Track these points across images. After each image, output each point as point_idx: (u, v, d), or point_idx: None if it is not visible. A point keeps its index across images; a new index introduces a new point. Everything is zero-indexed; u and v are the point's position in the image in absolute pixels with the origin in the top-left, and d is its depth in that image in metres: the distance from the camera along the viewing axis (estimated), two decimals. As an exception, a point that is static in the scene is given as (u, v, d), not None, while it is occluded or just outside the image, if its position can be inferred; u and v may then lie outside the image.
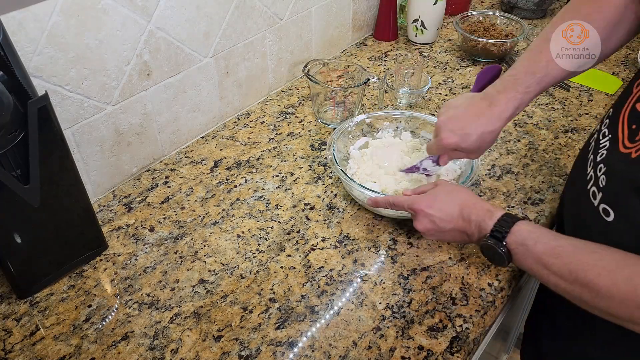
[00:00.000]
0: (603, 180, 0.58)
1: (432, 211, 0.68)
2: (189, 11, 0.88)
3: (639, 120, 0.56)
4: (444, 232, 0.69)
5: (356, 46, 1.34)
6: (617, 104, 0.63)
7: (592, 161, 0.63)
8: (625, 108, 0.59)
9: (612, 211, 0.57)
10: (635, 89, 0.58)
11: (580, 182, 0.64)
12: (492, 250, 0.64)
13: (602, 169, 0.59)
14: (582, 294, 0.55)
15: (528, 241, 0.61)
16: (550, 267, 0.58)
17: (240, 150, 0.99)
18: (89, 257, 0.77)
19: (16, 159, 0.62)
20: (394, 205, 0.73)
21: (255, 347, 0.65)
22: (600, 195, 0.59)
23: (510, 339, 1.34)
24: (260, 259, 0.77)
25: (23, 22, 0.66)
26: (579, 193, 0.64)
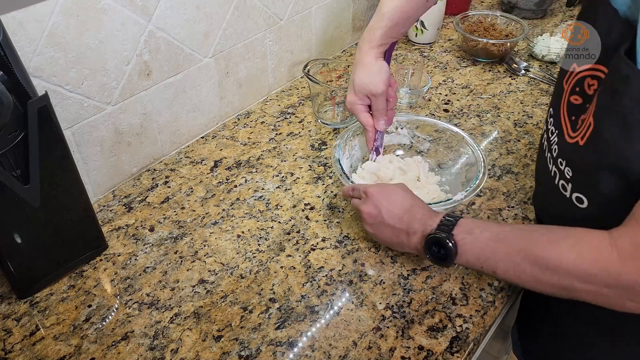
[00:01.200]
0: (569, 172, 0.60)
1: (383, 200, 0.70)
2: (189, 11, 0.88)
3: (576, 112, 0.60)
4: (383, 225, 0.70)
5: (356, 46, 1.34)
6: (554, 103, 0.66)
7: (550, 158, 0.65)
8: (562, 103, 0.63)
9: (584, 198, 0.59)
10: (565, 84, 0.63)
11: (548, 180, 0.66)
12: (439, 244, 0.64)
13: (562, 163, 0.62)
14: (533, 272, 0.57)
15: (475, 230, 0.62)
16: (497, 251, 0.60)
17: (240, 150, 0.99)
18: (89, 257, 0.77)
19: (16, 159, 0.62)
20: (353, 190, 0.75)
21: (255, 347, 0.65)
22: (571, 186, 0.61)
23: (510, 339, 1.34)
24: (260, 259, 0.77)
25: (23, 22, 0.66)
26: (550, 190, 0.66)
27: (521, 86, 1.16)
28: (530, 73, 1.20)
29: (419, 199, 0.72)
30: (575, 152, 0.59)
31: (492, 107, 1.10)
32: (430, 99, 1.13)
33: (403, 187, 0.73)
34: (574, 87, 0.61)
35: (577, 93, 0.60)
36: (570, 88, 0.62)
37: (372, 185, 0.73)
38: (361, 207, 0.72)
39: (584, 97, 0.59)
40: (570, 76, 0.62)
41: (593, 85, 0.57)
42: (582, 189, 0.59)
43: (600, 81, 0.56)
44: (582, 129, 0.57)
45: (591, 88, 0.58)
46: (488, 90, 1.15)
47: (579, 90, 0.60)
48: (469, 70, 1.23)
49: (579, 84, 0.60)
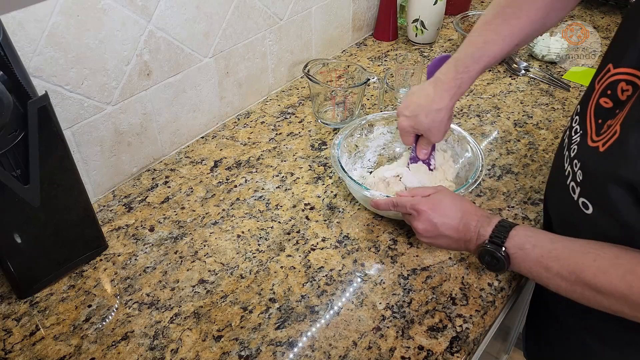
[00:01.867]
0: (580, 175, 0.60)
1: (435, 214, 0.69)
2: (189, 11, 0.88)
3: (604, 115, 0.58)
4: (441, 237, 0.69)
5: (356, 46, 1.34)
6: (583, 101, 0.65)
7: (567, 157, 0.65)
8: (590, 104, 0.62)
9: (590, 204, 0.59)
10: (597, 84, 0.61)
11: (560, 178, 0.66)
12: (491, 255, 0.64)
13: (577, 164, 0.61)
14: (584, 293, 0.57)
15: (526, 245, 0.62)
16: (550, 269, 0.59)
17: (240, 150, 0.99)
18: (89, 257, 0.77)
19: (16, 159, 0.62)
20: (396, 206, 0.73)
21: (255, 347, 0.65)
22: (579, 190, 0.60)
23: (510, 339, 1.34)
24: (260, 259, 0.77)
25: (23, 22, 0.66)
26: (560, 189, 0.66)
27: (521, 86, 1.16)
28: (530, 73, 1.20)
29: (468, 202, 0.71)
30: (593, 158, 0.57)
31: (492, 107, 1.10)
32: (430, 99, 1.12)
33: (448, 193, 0.72)
34: (606, 89, 0.59)
35: (608, 96, 0.58)
36: (602, 89, 0.60)
37: (420, 201, 0.71)
38: (415, 224, 0.71)
39: (615, 102, 0.57)
40: (604, 77, 0.60)
41: (627, 91, 0.55)
42: (589, 196, 0.59)
43: (635, 88, 0.54)
44: (605, 135, 0.55)
45: (624, 94, 0.56)
46: (488, 90, 1.15)
47: (610, 94, 0.58)
48: (469, 70, 1.23)
49: (612, 86, 0.58)
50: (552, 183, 0.74)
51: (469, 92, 1.14)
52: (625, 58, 0.57)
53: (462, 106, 1.10)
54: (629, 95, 0.55)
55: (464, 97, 1.12)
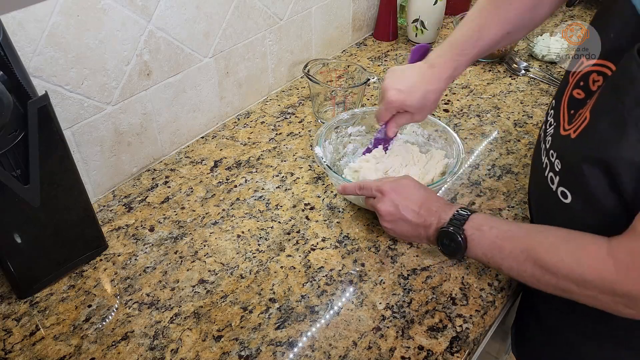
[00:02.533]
0: (558, 164, 0.61)
1: (399, 196, 0.71)
2: (189, 11, 0.88)
3: (576, 106, 0.60)
4: (402, 221, 0.70)
5: (356, 46, 1.34)
6: (557, 95, 0.67)
7: (544, 149, 0.66)
8: (564, 96, 0.63)
9: (569, 193, 0.59)
10: (571, 78, 0.63)
11: (539, 170, 0.67)
12: (449, 237, 0.66)
13: (553, 155, 0.62)
14: (534, 272, 0.59)
15: (484, 227, 0.64)
16: (503, 249, 0.61)
17: (240, 150, 0.99)
18: (89, 257, 0.77)
19: (16, 159, 0.62)
20: (362, 189, 0.75)
21: (255, 347, 0.65)
22: (558, 179, 0.61)
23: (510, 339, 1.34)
24: (260, 259, 0.77)
25: (23, 22, 0.66)
26: (539, 181, 0.67)
27: (521, 86, 1.16)
28: (530, 73, 1.20)
29: (430, 190, 0.73)
30: (566, 145, 0.59)
31: (492, 107, 1.10)
32: (430, 99, 1.12)
33: (412, 180, 0.74)
34: (579, 81, 0.61)
35: (581, 87, 0.60)
36: (575, 82, 0.61)
37: (385, 183, 0.73)
38: (378, 205, 0.72)
39: (586, 92, 0.59)
40: (577, 69, 0.62)
41: (598, 82, 0.57)
42: (567, 184, 0.60)
43: (605, 78, 0.56)
44: (576, 123, 0.57)
45: (595, 84, 0.57)
46: (488, 90, 1.15)
47: (582, 85, 0.60)
48: (469, 70, 1.23)
49: (584, 78, 0.60)
50: (532, 177, 0.75)
51: (469, 92, 1.14)
52: None
53: (462, 106, 1.10)
54: (599, 85, 0.57)
55: (464, 97, 1.12)
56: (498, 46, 0.78)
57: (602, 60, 0.57)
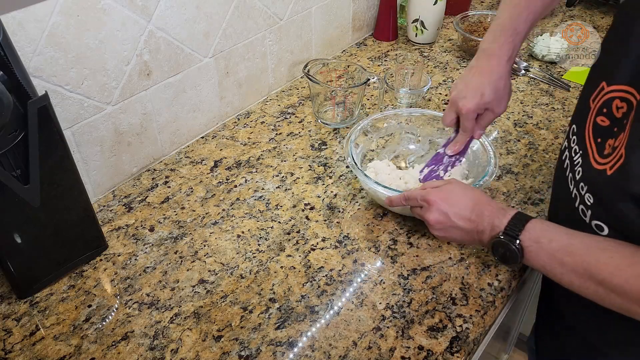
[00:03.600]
0: (590, 198, 0.59)
1: (446, 204, 0.68)
2: (189, 11, 0.88)
3: (602, 134, 0.58)
4: (453, 228, 0.69)
5: (356, 46, 1.34)
6: (578, 121, 0.64)
7: (572, 179, 0.64)
8: (588, 123, 0.61)
9: (605, 226, 0.58)
10: (592, 103, 0.61)
11: (567, 200, 0.65)
12: (505, 247, 0.63)
13: (584, 188, 0.60)
14: (597, 291, 0.56)
15: (542, 239, 0.61)
16: (564, 265, 0.59)
17: (240, 150, 0.99)
18: (89, 257, 0.77)
19: (16, 159, 0.62)
20: (408, 199, 0.73)
21: (255, 347, 0.65)
22: (590, 213, 0.60)
23: (510, 339, 1.34)
24: (260, 259, 0.77)
25: (23, 22, 0.66)
26: (567, 212, 0.65)
27: (521, 86, 1.16)
28: (530, 73, 1.20)
29: (480, 192, 0.70)
30: (601, 181, 0.57)
31: (492, 107, 1.09)
32: (430, 99, 1.12)
33: (458, 183, 0.72)
34: (601, 108, 0.58)
35: (604, 114, 0.58)
36: (597, 108, 0.59)
37: (430, 192, 0.71)
38: (426, 216, 0.70)
39: (611, 120, 0.57)
40: (598, 95, 0.59)
41: (622, 109, 0.55)
42: (603, 218, 0.58)
43: (630, 105, 0.54)
44: (612, 159, 0.55)
45: (619, 111, 0.55)
46: (488, 90, 1.15)
47: (606, 112, 0.58)
48: (469, 70, 1.23)
49: (607, 105, 0.57)
50: (556, 206, 0.73)
51: (469, 92, 1.14)
52: (617, 75, 0.56)
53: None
54: (624, 112, 0.55)
55: (464, 97, 1.12)
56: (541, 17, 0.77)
57: (625, 85, 0.55)
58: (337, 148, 0.99)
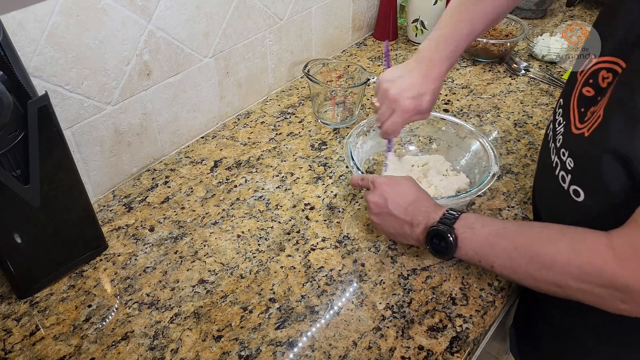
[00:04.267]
0: (570, 163, 0.60)
1: (390, 190, 0.71)
2: (189, 11, 0.88)
3: (586, 103, 0.60)
4: (388, 215, 0.71)
5: (356, 46, 1.34)
6: (565, 94, 0.66)
7: (553, 148, 0.66)
8: (574, 94, 0.63)
9: (581, 190, 0.59)
10: (579, 75, 0.63)
11: (547, 170, 0.67)
12: (439, 236, 0.65)
13: (565, 153, 0.62)
14: (528, 269, 0.58)
15: (475, 224, 0.64)
16: (495, 246, 0.61)
17: (240, 150, 0.99)
18: (89, 257, 0.77)
19: (16, 159, 0.62)
20: (362, 179, 0.76)
21: (255, 347, 0.65)
22: (570, 177, 0.61)
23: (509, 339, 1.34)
24: (260, 259, 0.77)
25: (23, 22, 0.66)
26: (548, 181, 0.66)
27: (521, 86, 1.16)
28: (530, 73, 1.20)
29: (425, 192, 0.72)
30: (579, 143, 0.59)
31: (492, 107, 1.10)
32: (430, 99, 1.12)
33: (410, 179, 0.74)
34: (588, 79, 0.60)
35: (590, 85, 0.60)
36: (584, 79, 0.61)
37: (380, 176, 0.74)
38: (368, 196, 0.73)
39: (596, 90, 0.59)
40: (586, 67, 0.61)
41: (607, 79, 0.57)
42: (580, 182, 0.59)
43: (615, 75, 0.55)
44: (590, 121, 0.57)
45: (605, 81, 0.57)
46: (488, 90, 1.15)
47: (592, 82, 0.60)
48: (469, 70, 1.23)
49: (593, 76, 0.59)
50: (539, 176, 0.75)
51: (469, 92, 1.14)
52: (605, 47, 0.58)
53: (462, 106, 1.10)
54: (609, 82, 0.56)
55: (463, 97, 1.12)
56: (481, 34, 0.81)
57: (611, 57, 0.57)
58: (337, 148, 0.99)
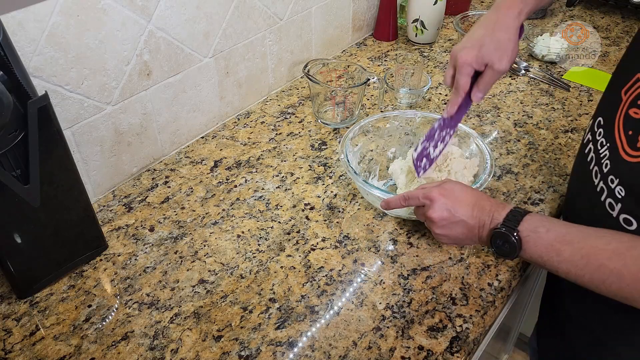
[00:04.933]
0: (621, 191, 0.59)
1: (450, 200, 0.68)
2: (189, 11, 0.88)
3: (634, 126, 0.57)
4: (456, 225, 0.68)
5: (356, 46, 1.34)
6: (606, 113, 0.64)
7: (598, 172, 0.63)
8: (618, 115, 0.60)
9: (634, 220, 0.58)
10: (624, 95, 0.60)
11: (590, 195, 0.65)
12: (504, 238, 0.63)
13: (614, 181, 0.60)
14: (593, 278, 0.57)
15: (540, 228, 0.62)
16: (561, 253, 0.59)
17: (240, 150, 0.99)
18: (89, 257, 0.77)
19: (16, 159, 0.62)
20: (408, 199, 0.72)
21: (255, 347, 0.65)
22: (619, 206, 0.59)
23: (510, 339, 1.34)
24: (260, 259, 0.77)
25: (23, 22, 0.66)
26: (592, 207, 0.64)
27: (521, 86, 1.16)
28: (530, 73, 1.20)
29: (477, 190, 0.71)
30: (632, 173, 0.57)
31: (492, 107, 1.10)
32: (430, 99, 1.12)
33: (456, 182, 0.72)
34: (635, 100, 0.57)
35: (638, 107, 0.57)
36: (632, 100, 0.58)
37: (431, 189, 0.70)
38: (429, 213, 0.69)
39: None
40: (633, 86, 0.59)
41: None
42: (633, 212, 0.58)
43: None
44: None
45: None
46: (488, 90, 1.15)
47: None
48: (469, 70, 1.23)
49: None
50: (575, 201, 0.72)
51: (469, 92, 1.14)
52: None
53: (462, 106, 1.10)
54: None
55: (464, 97, 1.12)
56: None
57: None
58: (337, 148, 0.99)
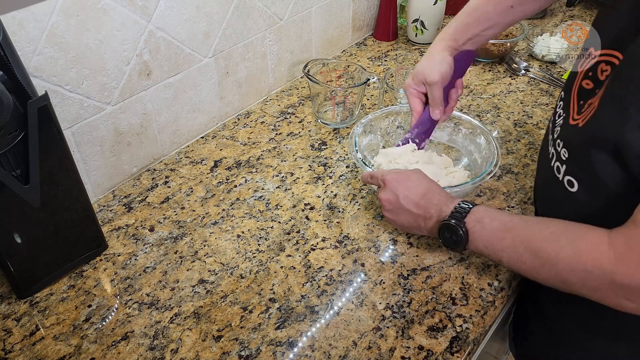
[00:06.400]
0: (565, 153, 0.61)
1: (400, 186, 0.72)
2: (189, 11, 0.88)
3: (585, 96, 0.61)
4: (401, 211, 0.72)
5: (356, 46, 1.34)
6: (566, 87, 0.67)
7: (551, 140, 0.66)
8: (574, 88, 0.64)
9: (575, 181, 0.60)
10: (579, 69, 0.64)
11: (545, 161, 0.67)
12: (451, 230, 0.66)
13: (560, 144, 0.63)
14: (533, 264, 0.59)
15: (485, 219, 0.65)
16: (503, 241, 0.62)
17: (240, 150, 0.99)
18: (89, 257, 0.77)
19: (16, 159, 0.62)
20: (372, 177, 0.77)
21: (255, 347, 0.65)
22: (564, 168, 0.61)
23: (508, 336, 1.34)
24: (260, 259, 0.77)
25: (23, 22, 0.66)
26: (545, 172, 0.67)
27: (521, 86, 1.16)
28: (530, 73, 1.20)
29: (435, 184, 0.73)
30: (573, 133, 0.60)
31: (492, 107, 1.10)
32: (430, 99, 1.12)
33: (419, 172, 0.75)
34: (587, 72, 0.61)
35: (590, 77, 0.61)
36: (584, 72, 0.62)
37: (389, 172, 0.75)
38: (379, 194, 0.74)
39: (595, 82, 0.59)
40: (586, 60, 0.62)
41: (606, 71, 0.58)
42: (574, 172, 0.60)
43: (613, 67, 0.56)
44: (585, 112, 0.58)
45: (604, 74, 0.58)
46: (488, 90, 1.15)
47: (591, 75, 0.60)
48: (469, 70, 1.23)
49: (593, 68, 0.60)
50: (538, 169, 0.75)
51: (469, 91, 1.14)
52: (604, 40, 0.59)
53: (462, 106, 1.10)
54: (607, 74, 0.57)
55: (463, 97, 1.12)
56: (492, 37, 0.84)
57: (610, 50, 0.58)
58: (337, 148, 0.99)
